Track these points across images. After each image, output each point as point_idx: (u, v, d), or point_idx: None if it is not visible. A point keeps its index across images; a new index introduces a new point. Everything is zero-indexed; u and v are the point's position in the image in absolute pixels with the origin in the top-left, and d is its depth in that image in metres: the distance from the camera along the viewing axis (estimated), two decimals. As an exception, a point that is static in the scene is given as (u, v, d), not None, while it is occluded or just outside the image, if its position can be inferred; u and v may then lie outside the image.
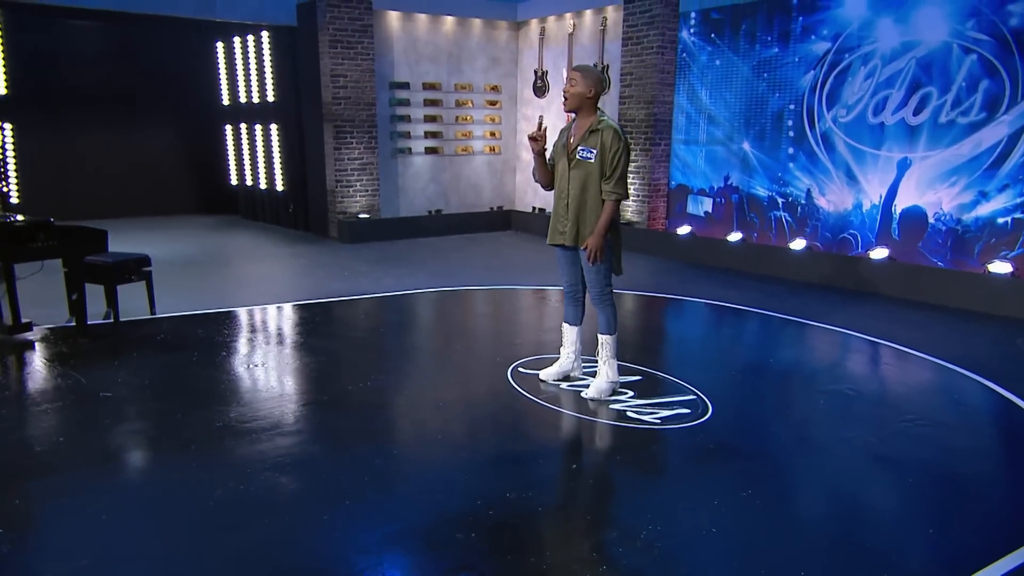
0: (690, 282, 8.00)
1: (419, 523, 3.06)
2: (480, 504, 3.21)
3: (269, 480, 3.41)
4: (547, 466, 3.66)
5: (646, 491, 3.48)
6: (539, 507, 3.23)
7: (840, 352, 5.74)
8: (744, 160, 9.03)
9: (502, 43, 11.56)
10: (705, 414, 4.28)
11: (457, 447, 3.85)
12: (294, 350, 5.41)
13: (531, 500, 3.27)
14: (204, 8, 10.03)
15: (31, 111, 11.08)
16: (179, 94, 12.55)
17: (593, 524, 3.17)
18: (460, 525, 3.03)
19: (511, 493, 3.32)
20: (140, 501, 3.23)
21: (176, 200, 12.98)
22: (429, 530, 3.01)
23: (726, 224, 9.26)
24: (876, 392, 4.85)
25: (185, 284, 7.50)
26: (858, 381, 5.06)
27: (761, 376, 5.11)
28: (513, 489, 3.36)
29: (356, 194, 10.43)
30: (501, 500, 3.25)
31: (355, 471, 3.50)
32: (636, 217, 9.98)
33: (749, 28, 8.79)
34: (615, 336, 4.58)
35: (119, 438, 3.90)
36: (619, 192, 4.29)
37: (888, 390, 4.97)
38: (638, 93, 9.70)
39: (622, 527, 3.10)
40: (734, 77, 9.02)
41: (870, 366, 5.51)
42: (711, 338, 6.29)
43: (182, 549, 2.86)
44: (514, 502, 3.24)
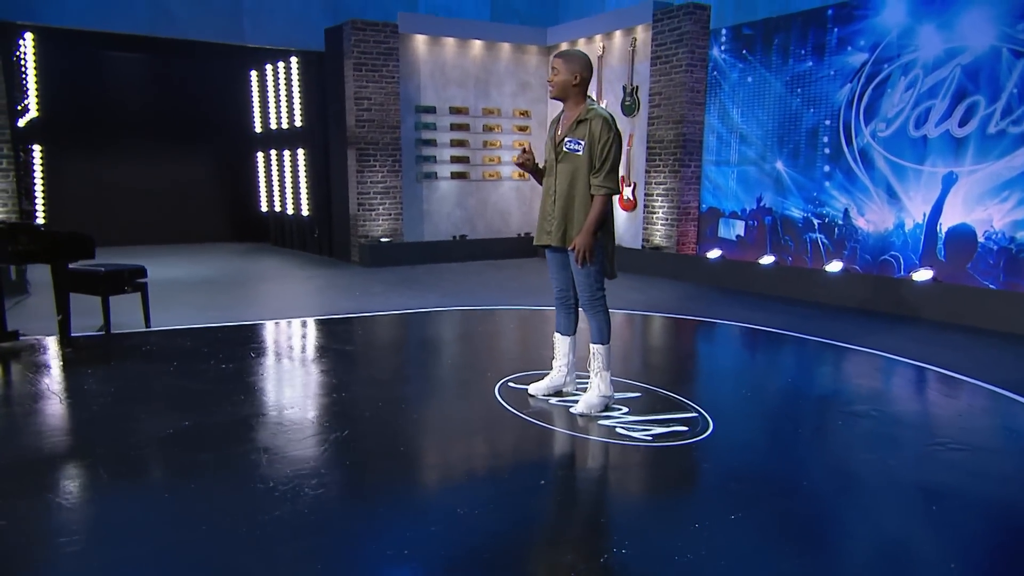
0: (716, 305, 7.50)
1: (358, 537, 2.69)
2: (428, 517, 2.82)
3: (203, 488, 3.09)
4: (511, 482, 3.24)
5: (619, 511, 3.04)
6: (490, 525, 2.82)
7: (869, 373, 5.18)
8: (777, 180, 8.54)
9: (532, 68, 11.38)
10: (704, 432, 3.81)
11: (422, 459, 3.47)
12: (274, 362, 5.13)
13: (482, 517, 2.86)
14: (233, 33, 10.14)
15: (63, 135, 11.26)
16: (214, 122, 12.69)
17: (548, 544, 2.74)
18: (401, 542, 2.64)
19: (462, 509, 2.92)
20: (48, 508, 2.93)
21: (208, 227, 13.06)
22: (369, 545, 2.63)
23: (759, 248, 8.75)
24: (904, 414, 4.30)
25: (192, 301, 7.35)
26: (885, 402, 4.51)
27: (775, 396, 4.61)
28: (466, 505, 2.96)
29: (379, 218, 10.26)
30: (450, 516, 2.85)
31: (300, 482, 3.15)
32: (664, 242, 9.54)
33: (782, 42, 8.39)
34: (608, 346, 4.16)
35: (52, 442, 3.64)
36: (609, 186, 3.92)
37: (919, 412, 4.41)
38: (667, 113, 9.35)
39: (582, 549, 2.67)
40: (766, 94, 8.60)
41: (901, 388, 4.94)
42: (726, 357, 5.79)
43: (96, 558, 2.54)
44: (464, 518, 2.84)
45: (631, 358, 5.62)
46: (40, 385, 4.50)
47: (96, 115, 11.72)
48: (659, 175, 9.53)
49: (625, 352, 5.79)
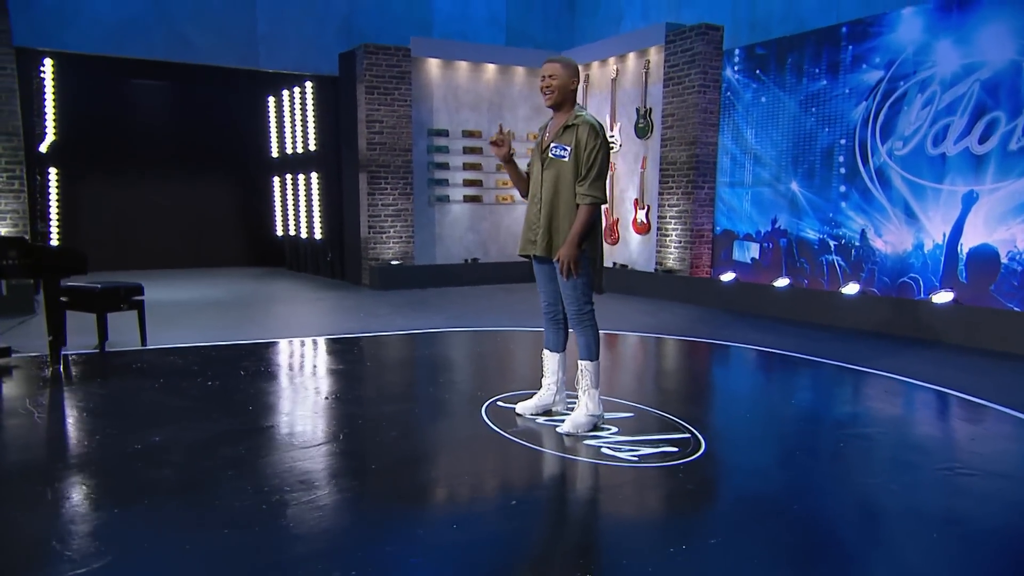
0: (726, 327, 7.26)
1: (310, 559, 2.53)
2: (386, 538, 2.65)
3: (155, 504, 2.95)
4: (481, 503, 3.06)
5: (592, 532, 2.84)
6: (451, 547, 2.64)
7: (878, 396, 4.91)
8: (792, 201, 8.32)
9: (546, 92, 11.30)
10: (694, 453, 3.59)
11: (392, 478, 3.30)
12: (260, 381, 5.01)
13: (444, 539, 2.68)
14: (248, 59, 10.25)
15: (81, 159, 11.36)
16: (232, 147, 12.82)
17: (511, 568, 2.54)
18: (353, 565, 2.48)
19: (423, 529, 2.75)
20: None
21: (226, 252, 13.12)
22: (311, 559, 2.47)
23: (774, 270, 8.50)
24: (912, 437, 4.04)
25: (196, 322, 7.31)
26: (891, 425, 4.25)
27: (776, 418, 4.38)
28: (428, 526, 2.78)
29: (389, 240, 10.20)
30: (410, 536, 2.68)
31: (258, 500, 3.00)
32: (678, 265, 9.33)
33: (796, 61, 8.23)
34: (597, 363, 3.97)
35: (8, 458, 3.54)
36: (595, 195, 3.77)
37: (928, 435, 4.15)
38: (680, 135, 9.20)
39: (548, 572, 2.47)
40: (780, 114, 8.42)
41: (912, 410, 4.67)
42: (729, 379, 5.56)
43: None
44: (424, 538, 2.67)
45: (629, 378, 5.42)
46: (15, 402, 4.43)
47: (115, 140, 11.88)
48: (672, 197, 9.35)
49: (624, 372, 5.60)
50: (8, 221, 7.88)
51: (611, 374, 5.51)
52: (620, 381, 5.30)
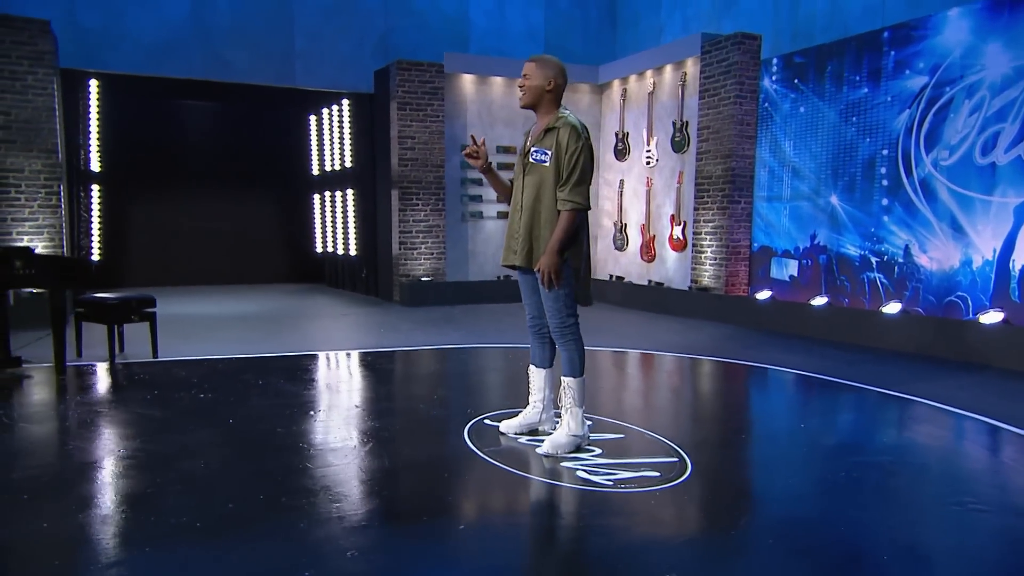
0: (754, 348, 6.87)
1: (204, 575, 2.37)
2: (304, 562, 2.47)
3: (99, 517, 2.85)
4: (427, 526, 2.85)
5: (532, 560, 2.59)
6: (380, 571, 2.44)
7: (903, 423, 4.51)
8: (832, 216, 7.88)
9: (584, 107, 11.14)
10: (676, 479, 3.31)
11: (347, 496, 3.12)
12: (251, 393, 4.92)
13: (370, 563, 2.49)
14: (285, 77, 10.40)
15: (125, 177, 11.68)
16: (274, 165, 13.01)
17: (434, 599, 2.33)
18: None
19: (353, 552, 2.56)
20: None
21: (267, 268, 13.28)
22: None
23: (813, 288, 8.06)
24: (928, 467, 3.66)
25: (218, 335, 7.34)
26: (909, 454, 3.86)
27: (779, 443, 4.04)
28: (359, 548, 2.59)
29: (420, 257, 10.13)
30: (339, 557, 2.49)
31: (198, 515, 2.87)
32: (713, 282, 8.95)
33: (835, 69, 7.83)
34: (582, 380, 3.72)
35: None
36: (576, 201, 3.55)
37: (947, 466, 3.74)
38: (715, 148, 8.87)
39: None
40: (820, 124, 8.01)
41: (936, 439, 4.24)
42: (740, 401, 5.20)
43: None
44: (351, 562, 2.48)
45: (631, 398, 5.15)
46: (6, 411, 4.44)
47: (160, 158, 12.18)
48: (707, 212, 9.01)
49: (627, 392, 5.32)
50: (45, 235, 8.10)
51: (614, 394, 5.26)
52: (620, 401, 5.03)
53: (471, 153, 3.85)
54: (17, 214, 7.99)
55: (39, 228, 8.07)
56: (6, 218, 7.95)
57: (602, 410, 4.49)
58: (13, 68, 7.91)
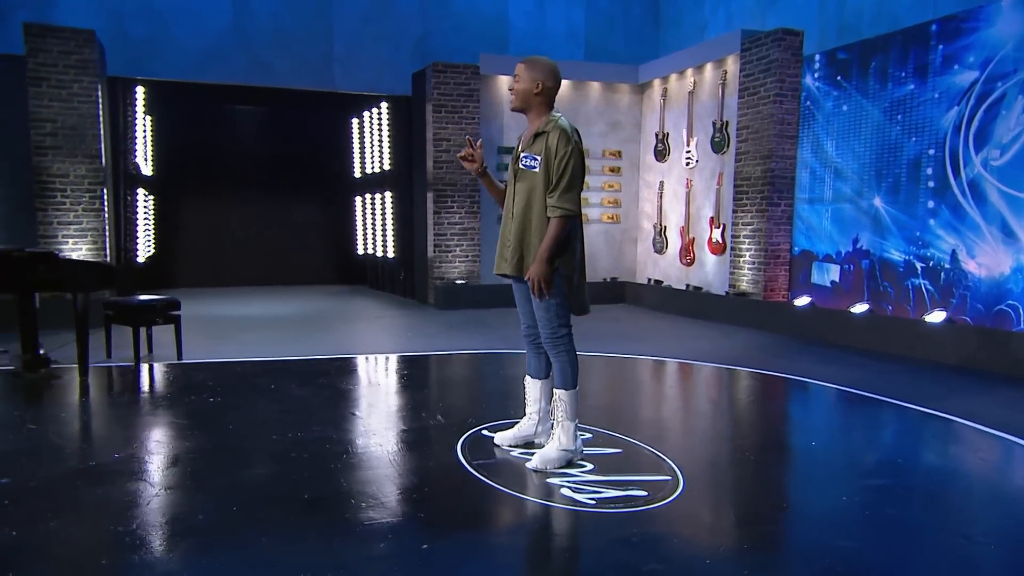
0: (785, 357, 6.60)
1: None
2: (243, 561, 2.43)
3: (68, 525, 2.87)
4: (392, 543, 2.77)
5: (491, 589, 2.49)
6: (324, 591, 2.38)
7: (922, 442, 4.22)
8: (875, 219, 7.52)
9: (623, 107, 10.93)
10: (663, 500, 3.15)
11: (316, 507, 3.07)
12: (260, 397, 4.94)
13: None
14: (324, 81, 10.51)
15: (174, 181, 12.05)
16: (318, 168, 13.19)
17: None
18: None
19: (310, 572, 2.50)
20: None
21: (311, 270, 13.47)
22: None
23: (855, 295, 7.70)
24: (937, 494, 3.39)
25: (249, 337, 7.45)
26: (921, 478, 3.59)
27: (782, 462, 3.84)
28: (312, 569, 2.54)
29: (455, 259, 10.10)
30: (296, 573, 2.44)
31: (170, 523, 2.86)
32: (751, 287, 8.65)
33: (880, 65, 7.47)
34: (574, 392, 3.60)
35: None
36: (566, 207, 3.43)
37: (959, 494, 3.46)
38: (754, 148, 8.57)
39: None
40: (863, 123, 7.65)
41: (958, 462, 3.95)
42: (752, 415, 4.94)
43: None
44: None
45: (636, 410, 4.97)
46: (25, 412, 4.55)
47: (207, 162, 12.48)
48: (746, 215, 8.72)
49: (634, 404, 5.16)
50: (89, 239, 8.37)
51: (621, 405, 5.11)
52: (625, 413, 4.87)
53: (466, 156, 3.75)
54: (63, 218, 8.27)
55: (83, 231, 8.34)
56: (52, 221, 8.24)
57: (605, 422, 4.35)
58: (60, 77, 8.19)
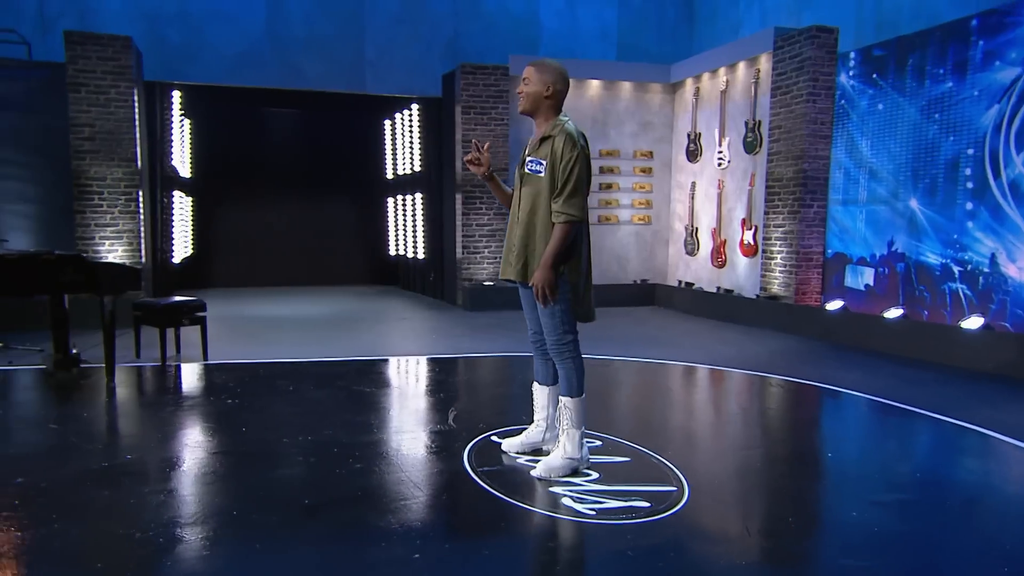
0: (813, 363, 6.43)
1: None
2: None
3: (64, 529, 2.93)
4: (384, 551, 2.76)
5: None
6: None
7: (946, 456, 4.06)
8: (911, 221, 7.29)
9: (655, 107, 10.80)
10: (665, 512, 3.09)
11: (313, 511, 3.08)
12: (275, 400, 4.98)
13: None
14: (356, 83, 10.61)
15: (211, 183, 12.31)
16: (353, 170, 13.31)
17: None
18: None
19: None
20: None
21: (345, 271, 13.61)
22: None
23: (890, 299, 7.47)
24: (951, 512, 3.25)
25: (275, 338, 7.55)
26: (943, 494, 3.45)
27: (795, 474, 3.71)
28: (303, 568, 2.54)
29: (483, 261, 10.10)
30: None
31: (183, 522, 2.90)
32: (782, 291, 8.47)
33: (917, 62, 7.24)
34: (580, 400, 3.55)
35: (5, 463, 3.68)
36: (571, 213, 3.38)
37: (990, 512, 3.31)
38: (786, 148, 8.38)
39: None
40: (899, 122, 7.43)
41: (982, 477, 3.78)
42: (769, 424, 4.82)
43: None
44: (290, 588, 2.43)
45: (650, 417, 4.88)
46: (28, 410, 4.67)
47: (243, 165, 12.69)
48: (777, 217, 8.53)
49: (649, 410, 5.06)
50: (124, 240, 8.57)
51: (635, 412, 5.03)
52: (639, 420, 4.80)
53: (473, 160, 3.72)
54: (99, 220, 8.48)
55: (119, 233, 8.54)
56: (89, 223, 8.46)
57: (617, 429, 4.28)
58: (98, 82, 8.40)
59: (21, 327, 7.22)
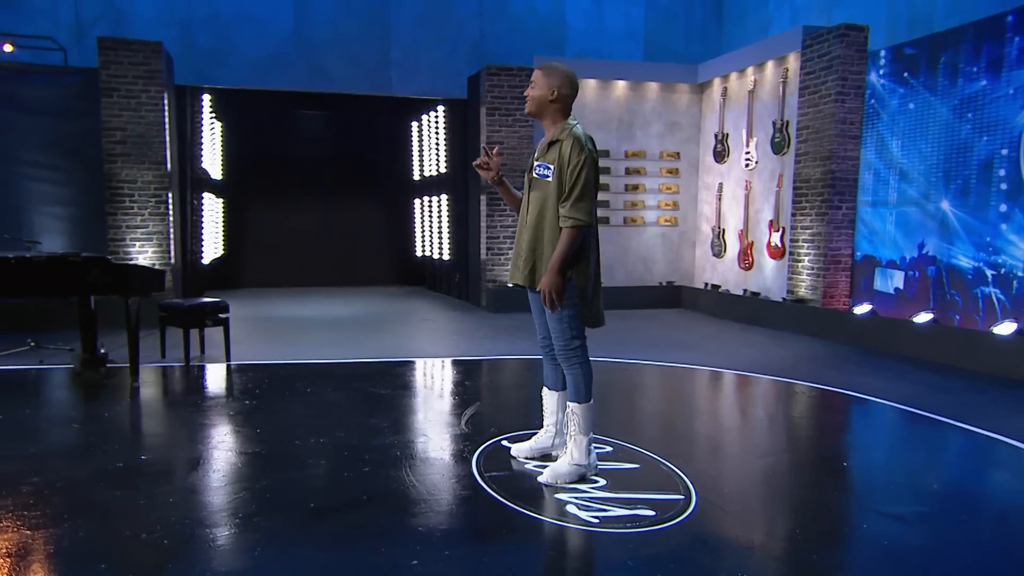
0: (837, 368, 6.30)
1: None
2: None
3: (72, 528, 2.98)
4: (384, 557, 2.76)
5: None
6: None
7: (967, 467, 3.94)
8: (943, 223, 7.11)
9: (682, 107, 10.69)
10: (670, 520, 3.04)
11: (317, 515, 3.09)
12: (297, 403, 5.02)
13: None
14: (381, 85, 10.67)
15: (241, 185, 12.51)
16: (381, 171, 13.40)
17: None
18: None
19: (294, 580, 2.52)
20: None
21: (373, 271, 13.70)
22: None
23: (921, 303, 7.30)
24: (987, 527, 3.15)
25: (298, 338, 7.63)
26: (960, 507, 3.34)
27: (810, 481, 3.63)
28: None
29: (507, 263, 10.08)
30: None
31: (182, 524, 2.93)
32: (809, 294, 8.31)
33: (950, 60, 7.06)
34: (589, 406, 3.52)
35: (24, 462, 3.77)
36: (578, 218, 3.35)
37: (1011, 528, 3.21)
38: (814, 149, 8.23)
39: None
40: (931, 121, 7.24)
41: (1003, 491, 3.66)
42: (785, 431, 4.72)
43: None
44: (287, 593, 2.44)
45: (664, 423, 4.82)
46: (52, 409, 4.77)
47: (273, 166, 12.85)
48: (805, 219, 8.38)
49: (663, 416, 5.00)
50: (154, 242, 8.73)
51: (650, 418, 4.97)
52: (652, 426, 4.74)
53: (482, 164, 3.72)
54: (130, 221, 8.65)
55: (149, 235, 8.70)
56: (121, 225, 8.63)
57: (630, 435, 4.24)
58: (129, 87, 8.57)
59: (54, 327, 7.39)
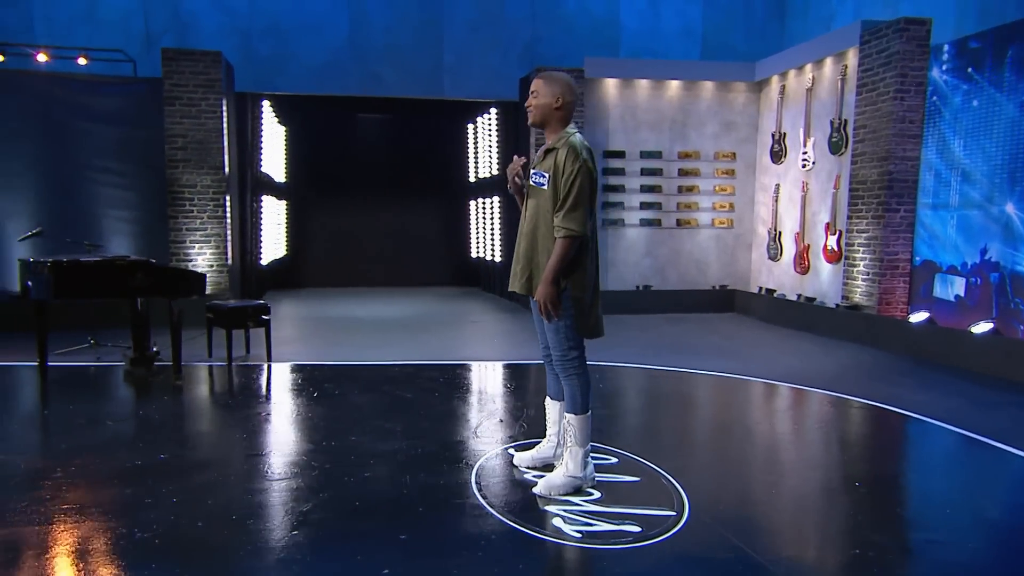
0: (882, 379, 6.01)
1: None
2: None
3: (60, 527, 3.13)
4: (357, 568, 2.80)
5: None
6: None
7: (997, 494, 3.69)
8: (1007, 227, 6.69)
9: (738, 107, 10.41)
10: (656, 537, 2.97)
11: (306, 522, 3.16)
12: (325, 405, 5.13)
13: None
14: (433, 89, 10.80)
15: (304, 188, 12.91)
16: (438, 173, 13.57)
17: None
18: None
19: (264, 585, 2.58)
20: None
21: (430, 272, 13.89)
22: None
23: (983, 311, 6.89)
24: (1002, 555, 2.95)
25: (344, 339, 7.82)
26: (975, 534, 3.14)
27: (815, 502, 3.48)
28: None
29: (556, 265, 10.03)
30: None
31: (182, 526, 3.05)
32: (864, 300, 7.96)
33: (1018, 54, 6.64)
34: (585, 417, 3.48)
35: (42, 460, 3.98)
36: (571, 228, 3.30)
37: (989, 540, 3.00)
38: (871, 149, 7.88)
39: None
40: (996, 119, 6.83)
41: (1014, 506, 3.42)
42: (805, 448, 4.51)
43: None
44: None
45: (676, 436, 4.69)
46: (92, 406, 5.00)
47: (333, 170, 13.18)
48: (861, 222, 8.03)
49: (678, 428, 4.87)
50: (212, 244, 9.08)
51: (663, 430, 4.86)
52: (663, 438, 4.62)
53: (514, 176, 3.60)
54: (190, 225, 9.03)
55: (207, 237, 9.06)
56: (181, 228, 9.02)
57: (638, 447, 4.16)
58: (190, 95, 8.94)
59: (115, 326, 7.78)
